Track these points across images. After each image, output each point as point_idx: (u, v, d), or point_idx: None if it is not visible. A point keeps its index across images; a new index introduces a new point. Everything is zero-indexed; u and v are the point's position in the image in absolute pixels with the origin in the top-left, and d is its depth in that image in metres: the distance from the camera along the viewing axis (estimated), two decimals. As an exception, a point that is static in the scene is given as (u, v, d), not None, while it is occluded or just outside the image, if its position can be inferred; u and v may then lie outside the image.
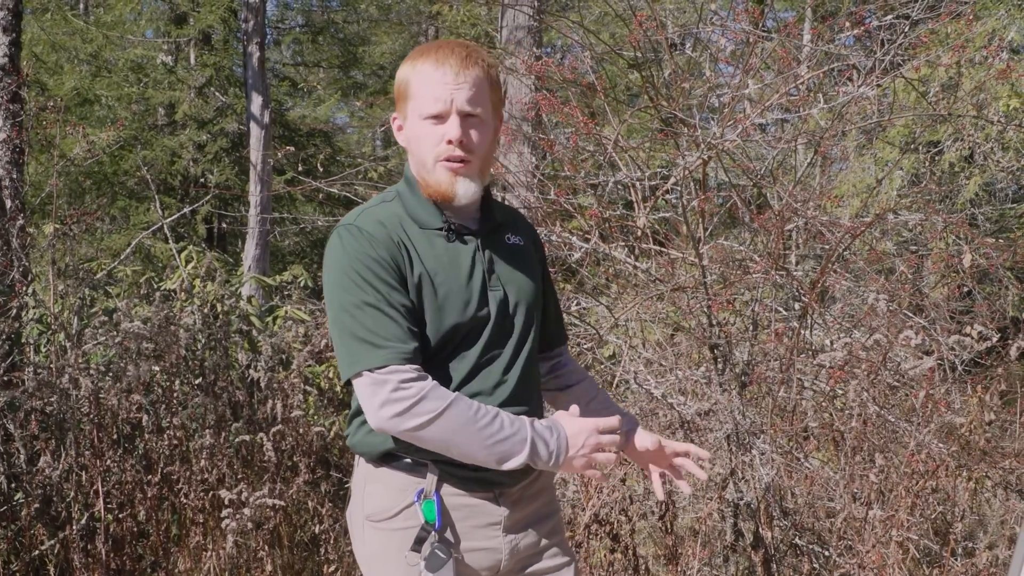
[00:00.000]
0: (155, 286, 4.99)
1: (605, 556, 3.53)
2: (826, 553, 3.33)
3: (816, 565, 3.38)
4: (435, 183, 1.77)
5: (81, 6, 15.37)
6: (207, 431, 3.77)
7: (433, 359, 1.75)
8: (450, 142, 1.73)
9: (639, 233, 3.98)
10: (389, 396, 1.65)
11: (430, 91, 1.73)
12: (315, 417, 4.35)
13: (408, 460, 1.80)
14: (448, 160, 1.75)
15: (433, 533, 1.76)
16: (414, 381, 1.66)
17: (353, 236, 1.73)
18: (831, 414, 3.66)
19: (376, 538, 1.85)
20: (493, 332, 1.80)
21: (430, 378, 1.69)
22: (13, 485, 3.66)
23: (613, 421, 1.78)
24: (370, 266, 1.70)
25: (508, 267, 1.86)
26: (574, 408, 1.80)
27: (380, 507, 1.83)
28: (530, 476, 1.89)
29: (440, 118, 1.74)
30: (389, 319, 1.68)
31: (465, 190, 1.77)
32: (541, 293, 1.94)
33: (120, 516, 3.71)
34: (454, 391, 1.72)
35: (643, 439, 2.01)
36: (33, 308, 4.18)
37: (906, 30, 3.97)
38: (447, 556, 1.75)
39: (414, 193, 1.82)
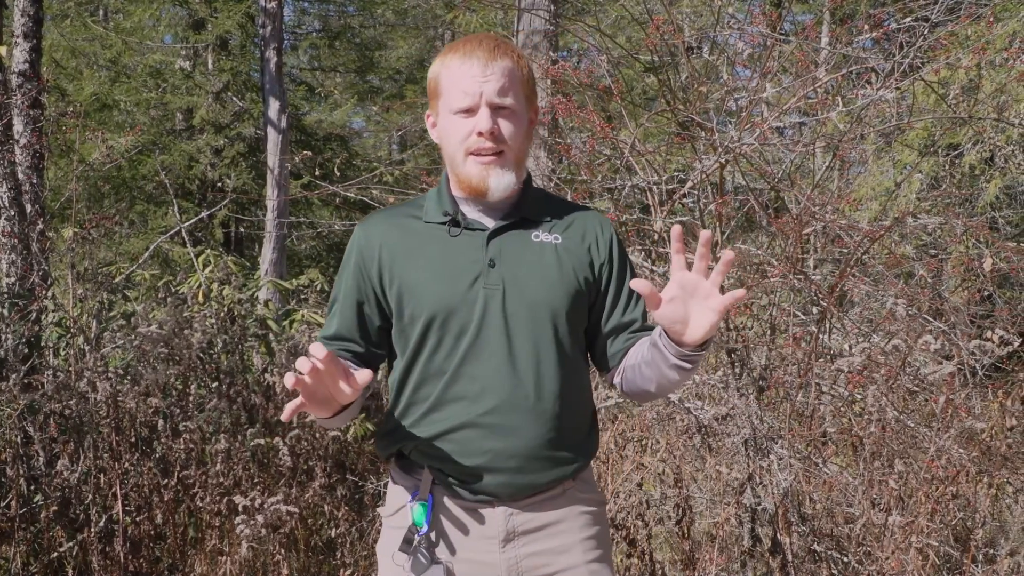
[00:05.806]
0: (172, 290, 5.01)
1: (622, 561, 3.52)
2: (845, 559, 3.30)
3: (835, 571, 3.35)
4: (466, 177, 1.73)
5: (100, 12, 15.51)
6: (223, 435, 3.78)
7: (418, 353, 1.74)
8: (480, 134, 1.69)
9: (656, 237, 3.96)
10: None
11: (458, 85, 1.70)
12: (331, 421, 4.34)
13: (408, 460, 1.79)
14: (478, 153, 1.71)
15: (418, 536, 1.71)
16: None
17: (352, 236, 1.86)
18: (850, 419, 3.63)
19: (382, 532, 1.87)
20: (480, 330, 1.70)
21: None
22: (32, 487, 3.68)
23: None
24: (345, 265, 1.83)
25: (521, 265, 1.73)
26: None
27: (387, 503, 1.87)
28: (544, 492, 1.75)
29: (470, 112, 1.70)
30: (335, 313, 1.82)
31: (498, 183, 1.71)
32: (574, 298, 1.75)
33: (138, 519, 3.72)
34: (436, 395, 1.72)
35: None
36: (52, 312, 4.21)
37: (925, 32, 3.94)
38: (429, 561, 1.70)
39: (438, 189, 1.82)
